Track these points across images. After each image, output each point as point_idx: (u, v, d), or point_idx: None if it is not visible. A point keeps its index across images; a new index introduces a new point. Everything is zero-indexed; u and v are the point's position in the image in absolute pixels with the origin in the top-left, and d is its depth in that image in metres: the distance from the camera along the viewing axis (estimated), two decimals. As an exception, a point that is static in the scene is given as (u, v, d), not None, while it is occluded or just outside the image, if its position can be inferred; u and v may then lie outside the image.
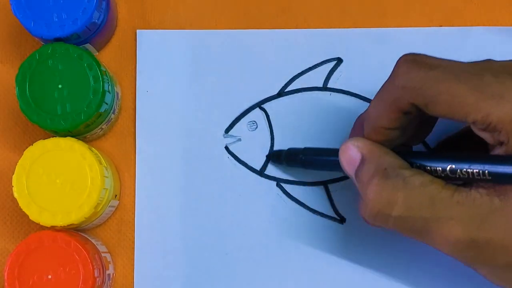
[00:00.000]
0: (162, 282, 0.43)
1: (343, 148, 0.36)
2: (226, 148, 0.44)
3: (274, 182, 0.44)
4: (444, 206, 0.32)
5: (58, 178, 0.39)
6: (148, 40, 0.45)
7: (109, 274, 0.42)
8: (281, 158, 0.43)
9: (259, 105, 0.45)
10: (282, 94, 0.45)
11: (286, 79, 0.45)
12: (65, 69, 0.40)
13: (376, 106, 0.35)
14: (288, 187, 0.44)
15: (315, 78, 0.45)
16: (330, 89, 0.45)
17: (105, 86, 0.40)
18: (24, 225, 0.44)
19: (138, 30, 0.45)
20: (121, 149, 0.45)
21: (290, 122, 0.44)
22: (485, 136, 0.32)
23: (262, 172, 0.44)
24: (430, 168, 0.33)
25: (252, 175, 0.44)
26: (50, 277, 0.39)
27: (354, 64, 0.45)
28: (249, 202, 0.44)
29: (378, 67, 0.44)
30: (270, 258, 0.43)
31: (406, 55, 0.34)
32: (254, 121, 0.44)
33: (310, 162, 0.41)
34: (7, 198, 0.44)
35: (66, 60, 0.40)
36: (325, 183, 0.44)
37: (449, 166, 0.33)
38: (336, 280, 0.43)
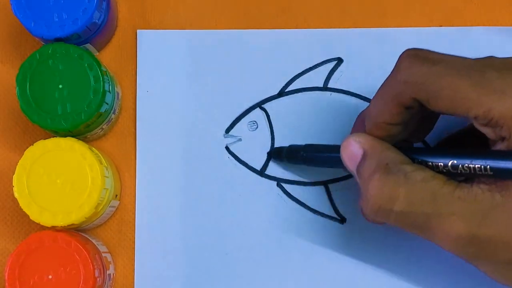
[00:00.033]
0: (162, 282, 0.43)
1: (345, 144, 0.36)
2: (227, 148, 0.44)
3: (275, 182, 0.44)
4: (445, 202, 0.32)
5: (58, 178, 0.39)
6: (148, 40, 0.45)
7: (109, 274, 0.42)
8: (282, 155, 0.43)
9: (260, 105, 0.45)
10: (282, 94, 0.45)
11: (286, 79, 0.45)
12: (65, 69, 0.40)
13: (378, 101, 0.35)
14: (288, 187, 0.44)
15: (316, 78, 0.45)
16: (330, 89, 0.45)
17: (105, 86, 0.40)
18: (24, 225, 0.44)
19: (138, 30, 0.45)
20: (121, 149, 0.45)
21: (290, 122, 0.44)
22: (486, 131, 0.32)
23: (263, 172, 0.44)
24: (432, 163, 0.33)
25: (252, 175, 0.44)
26: (50, 277, 0.39)
27: (355, 64, 0.45)
28: (249, 202, 0.44)
29: (378, 67, 0.44)
30: (270, 258, 0.43)
31: (408, 50, 0.34)
32: (255, 121, 0.44)
33: (311, 159, 0.41)
34: (8, 198, 0.44)
35: (66, 60, 0.40)
36: (325, 183, 0.44)
37: (450, 162, 0.33)
38: (336, 280, 0.43)
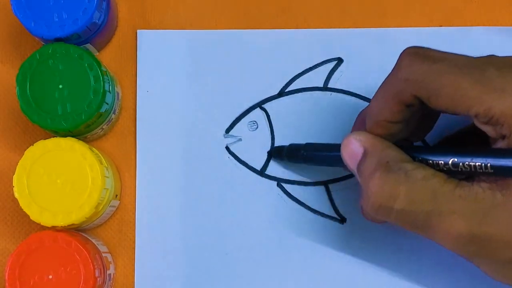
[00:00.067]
0: (162, 282, 0.43)
1: (345, 142, 0.36)
2: (227, 148, 0.44)
3: (275, 182, 0.44)
4: (446, 200, 0.32)
5: (58, 178, 0.39)
6: (148, 40, 0.45)
7: (109, 274, 0.42)
8: (282, 154, 0.43)
9: (260, 105, 0.45)
10: (282, 94, 0.45)
11: (286, 79, 0.45)
12: (65, 69, 0.40)
13: (378, 99, 0.35)
14: (288, 187, 0.44)
15: (316, 78, 0.45)
16: (330, 89, 0.45)
17: (105, 86, 0.40)
18: (24, 225, 0.43)
19: (138, 30, 0.45)
20: (121, 149, 0.45)
21: (290, 122, 0.44)
22: (487, 129, 0.32)
23: (263, 172, 0.44)
24: (432, 161, 0.33)
25: (252, 175, 0.44)
26: (51, 277, 0.39)
27: (355, 64, 0.45)
28: (249, 202, 0.44)
29: (378, 67, 0.44)
30: (270, 258, 0.43)
31: (409, 48, 0.34)
32: (255, 121, 0.44)
33: (311, 158, 0.41)
34: (8, 198, 0.44)
35: (66, 60, 0.40)
36: (325, 183, 0.44)
37: (451, 160, 0.32)
38: (336, 280, 0.43)
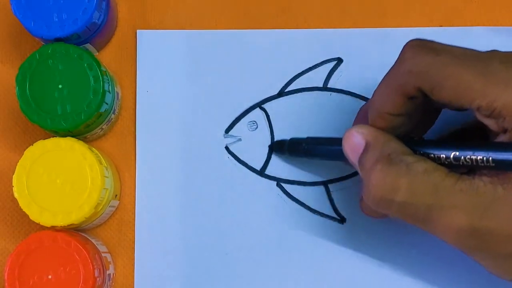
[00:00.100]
0: (162, 282, 0.43)
1: (347, 135, 0.36)
2: (226, 148, 0.44)
3: (274, 182, 0.44)
4: (447, 194, 0.32)
5: (58, 178, 0.39)
6: (148, 40, 0.45)
7: (109, 274, 0.42)
8: (283, 148, 0.43)
9: (259, 105, 0.44)
10: (282, 94, 0.45)
11: (286, 79, 0.45)
12: (65, 69, 0.40)
13: (381, 92, 0.35)
14: (288, 187, 0.44)
15: (315, 78, 0.45)
16: (330, 89, 0.45)
17: (105, 86, 0.40)
18: (24, 225, 0.44)
19: (138, 30, 0.45)
20: (121, 149, 0.45)
21: (290, 122, 0.44)
22: (489, 123, 0.32)
23: (262, 172, 0.44)
24: (434, 155, 0.33)
25: (252, 175, 0.44)
26: (50, 277, 0.39)
27: (354, 64, 0.45)
28: (249, 202, 0.44)
29: (378, 67, 0.43)
30: (270, 258, 0.43)
31: (412, 40, 0.34)
32: (254, 121, 0.44)
33: (312, 151, 0.41)
34: (8, 198, 0.44)
35: (66, 60, 0.40)
36: (325, 183, 0.44)
37: (452, 153, 0.32)
38: (336, 280, 0.43)
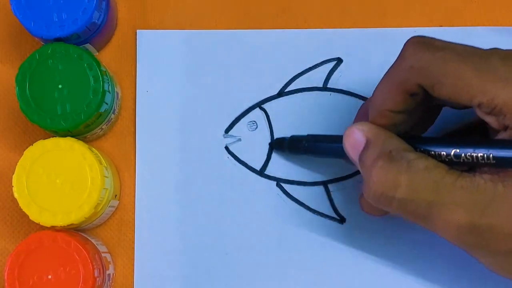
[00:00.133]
0: (162, 282, 0.43)
1: (348, 132, 0.36)
2: (226, 148, 0.44)
3: (274, 182, 0.44)
4: (447, 191, 0.32)
5: (58, 178, 0.39)
6: (148, 40, 0.45)
7: (109, 274, 0.42)
8: (283, 146, 0.43)
9: (259, 105, 0.44)
10: (282, 94, 0.45)
11: (286, 79, 0.45)
12: (65, 69, 0.40)
13: (382, 89, 0.35)
14: (288, 187, 0.44)
15: (315, 78, 0.45)
16: (330, 89, 0.45)
17: (105, 86, 0.40)
18: (24, 225, 0.44)
19: (138, 30, 0.45)
20: (121, 149, 0.45)
21: (290, 122, 0.44)
22: (489, 120, 0.32)
23: (262, 172, 0.44)
24: (434, 152, 0.33)
25: (252, 175, 0.44)
26: (50, 277, 0.39)
27: (354, 64, 0.45)
28: (249, 202, 0.44)
29: (378, 67, 0.43)
30: (270, 258, 0.43)
31: (413, 37, 0.34)
32: (254, 121, 0.44)
33: (313, 149, 0.41)
34: (7, 198, 0.44)
35: (66, 60, 0.40)
36: (325, 183, 0.44)
37: (453, 151, 0.32)
38: (336, 280, 0.43)
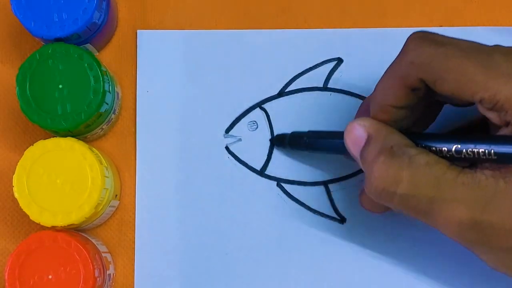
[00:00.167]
0: (162, 282, 0.43)
1: (349, 128, 0.36)
2: (227, 148, 0.44)
3: (275, 182, 0.44)
4: (448, 187, 0.32)
5: (58, 178, 0.39)
6: (148, 40, 0.45)
7: (109, 274, 0.42)
8: (285, 142, 0.43)
9: (260, 105, 0.45)
10: (282, 94, 0.45)
11: (286, 79, 0.45)
12: (65, 69, 0.40)
13: (384, 84, 0.35)
14: (288, 187, 0.44)
15: (316, 78, 0.45)
16: (330, 89, 0.45)
17: (105, 86, 0.40)
18: (24, 225, 0.44)
19: (138, 30, 0.45)
20: (121, 149, 0.45)
21: (290, 122, 0.44)
22: (491, 116, 0.32)
23: (263, 172, 0.44)
24: (436, 148, 0.33)
25: (252, 175, 0.44)
26: (50, 277, 0.39)
27: (355, 64, 0.45)
28: (249, 202, 0.44)
29: (378, 67, 0.43)
30: (270, 258, 0.43)
31: (416, 32, 0.34)
32: (255, 121, 0.44)
33: (313, 145, 0.41)
34: (8, 198, 0.44)
35: (66, 60, 0.40)
36: (325, 183, 0.44)
37: (454, 146, 0.32)
38: (336, 280, 0.43)
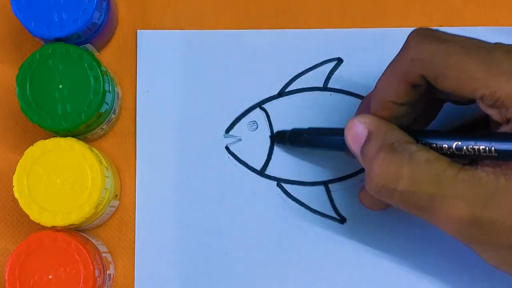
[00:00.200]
0: (162, 282, 0.43)
1: (349, 125, 0.36)
2: (227, 148, 0.44)
3: (275, 182, 0.44)
4: (449, 184, 0.31)
5: (58, 178, 0.39)
6: (148, 40, 0.45)
7: (109, 274, 0.42)
8: (285, 139, 0.43)
9: (260, 105, 0.45)
10: (282, 94, 0.45)
11: (286, 79, 0.45)
12: (65, 69, 0.40)
13: (385, 80, 0.35)
14: (288, 187, 0.44)
15: (316, 78, 0.45)
16: (330, 89, 0.45)
17: (105, 86, 0.40)
18: (24, 225, 0.44)
19: (138, 30, 0.45)
20: (121, 149, 0.45)
21: (290, 122, 0.44)
22: (492, 113, 0.32)
23: (263, 172, 0.44)
24: (436, 145, 0.33)
25: (252, 175, 0.44)
26: (50, 277, 0.39)
27: (354, 64, 0.45)
28: (249, 202, 0.44)
29: (378, 67, 0.43)
30: (270, 258, 0.43)
31: (417, 29, 0.34)
32: (255, 121, 0.44)
33: (314, 142, 0.41)
34: (8, 198, 0.44)
35: (66, 60, 0.40)
36: (325, 183, 0.44)
37: (455, 143, 0.32)
38: (336, 280, 0.43)
